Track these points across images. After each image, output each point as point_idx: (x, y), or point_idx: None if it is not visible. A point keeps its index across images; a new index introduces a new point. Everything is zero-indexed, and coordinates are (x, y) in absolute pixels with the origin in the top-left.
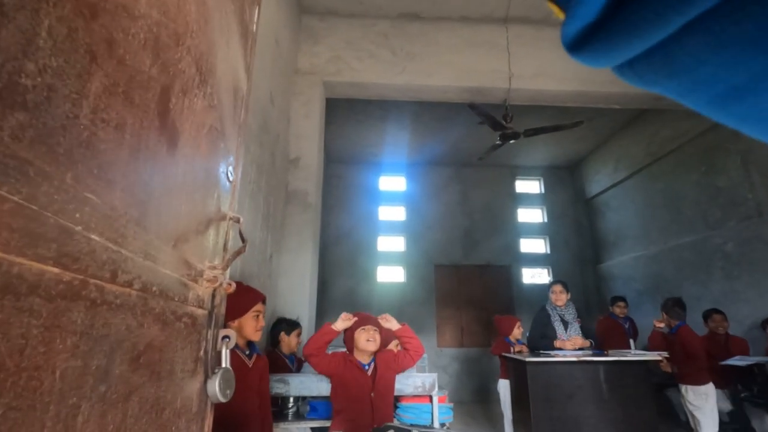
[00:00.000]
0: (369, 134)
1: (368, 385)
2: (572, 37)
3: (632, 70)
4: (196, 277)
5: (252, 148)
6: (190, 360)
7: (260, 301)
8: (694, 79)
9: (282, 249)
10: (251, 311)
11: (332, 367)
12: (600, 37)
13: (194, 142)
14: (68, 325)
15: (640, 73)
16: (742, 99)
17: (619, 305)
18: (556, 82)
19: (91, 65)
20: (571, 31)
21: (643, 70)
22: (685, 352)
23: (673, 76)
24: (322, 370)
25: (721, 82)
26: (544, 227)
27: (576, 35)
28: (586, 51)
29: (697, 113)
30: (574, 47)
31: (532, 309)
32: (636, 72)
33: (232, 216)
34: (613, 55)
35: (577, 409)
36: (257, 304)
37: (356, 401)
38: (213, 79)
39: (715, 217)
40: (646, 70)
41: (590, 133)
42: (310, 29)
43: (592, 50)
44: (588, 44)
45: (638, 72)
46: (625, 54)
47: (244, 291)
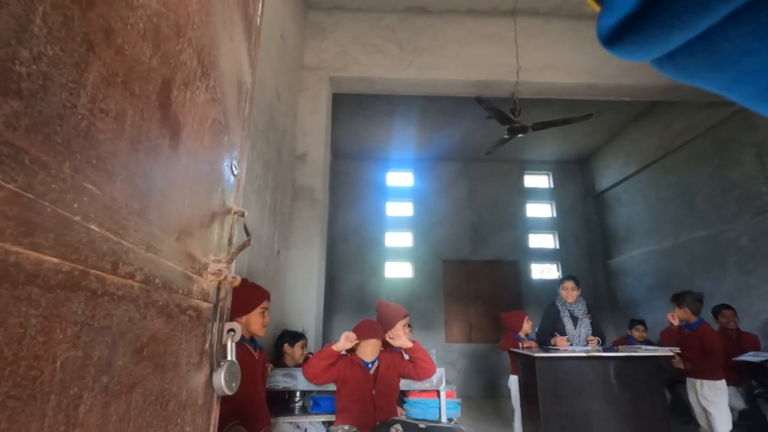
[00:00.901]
0: (376, 129)
1: (370, 383)
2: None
3: (673, 63)
4: (201, 270)
5: (258, 144)
6: (195, 353)
7: (266, 299)
8: (739, 70)
9: (289, 245)
10: (258, 308)
11: (334, 375)
12: (638, 30)
13: (197, 135)
14: (68, 315)
15: (682, 66)
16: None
17: (638, 329)
18: (565, 74)
19: (88, 54)
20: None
21: (684, 62)
22: (705, 348)
23: (716, 68)
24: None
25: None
26: (553, 222)
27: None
28: (624, 44)
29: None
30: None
31: (540, 305)
32: (677, 65)
33: (236, 210)
34: (652, 47)
35: (587, 404)
36: (264, 301)
37: (358, 400)
38: (216, 72)
39: (729, 210)
40: (687, 62)
41: (600, 127)
42: (316, 24)
43: (631, 43)
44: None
45: (679, 65)
46: (666, 46)
47: (250, 288)
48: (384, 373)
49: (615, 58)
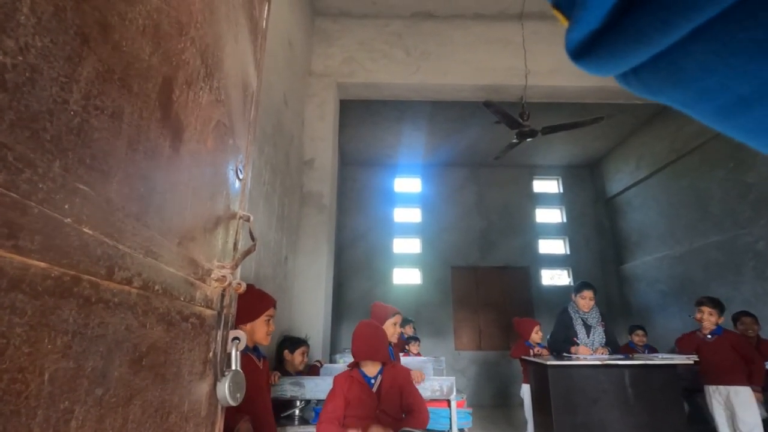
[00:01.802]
0: (384, 136)
1: (374, 401)
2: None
3: (637, 79)
4: (204, 276)
5: (266, 149)
6: (198, 362)
7: (272, 306)
8: (700, 88)
9: (297, 251)
10: (264, 315)
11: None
12: (604, 44)
13: (200, 136)
14: (58, 323)
15: (645, 81)
16: (750, 110)
17: (637, 334)
18: (575, 77)
19: (82, 48)
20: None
21: (648, 78)
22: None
23: (678, 85)
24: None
25: (727, 92)
26: (564, 227)
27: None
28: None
29: None
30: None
31: (551, 311)
32: (641, 80)
33: (242, 215)
34: (617, 62)
35: (602, 414)
36: (269, 308)
37: (363, 418)
38: (220, 73)
39: (744, 215)
40: (651, 78)
41: (610, 131)
42: (323, 31)
43: (596, 57)
44: (592, 51)
45: (643, 80)
46: (630, 62)
47: (257, 295)
48: (388, 391)
49: None
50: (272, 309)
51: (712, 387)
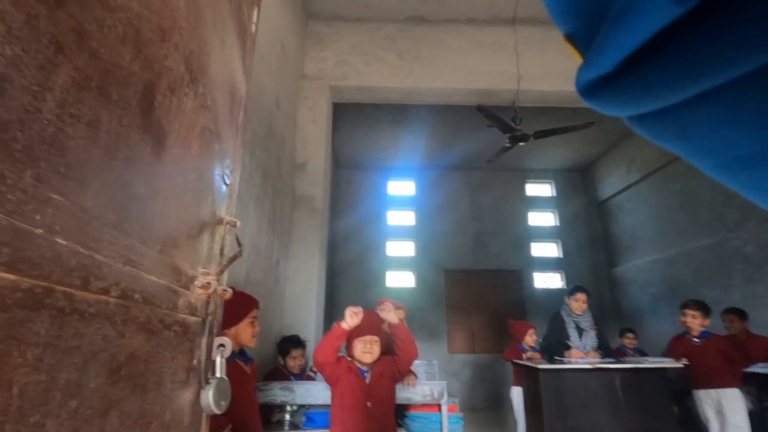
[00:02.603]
0: (377, 139)
1: (365, 393)
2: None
3: (642, 125)
4: (188, 283)
5: (258, 152)
6: (181, 370)
7: (255, 307)
8: (703, 145)
9: (289, 254)
10: (247, 318)
11: (337, 374)
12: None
13: (184, 142)
14: (28, 336)
15: (650, 129)
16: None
17: (628, 337)
18: (566, 82)
19: (56, 56)
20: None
21: (653, 127)
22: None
23: (682, 139)
24: (333, 380)
25: (730, 151)
26: (556, 231)
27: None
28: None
29: None
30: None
31: (544, 314)
32: (646, 127)
33: (228, 220)
34: (624, 108)
35: (593, 418)
36: (252, 310)
37: (353, 411)
38: (205, 78)
39: (733, 218)
40: (656, 127)
41: (601, 135)
42: (316, 34)
43: (604, 99)
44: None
45: (648, 128)
46: (637, 109)
47: (239, 298)
48: (377, 382)
49: None
50: (255, 310)
51: (702, 391)
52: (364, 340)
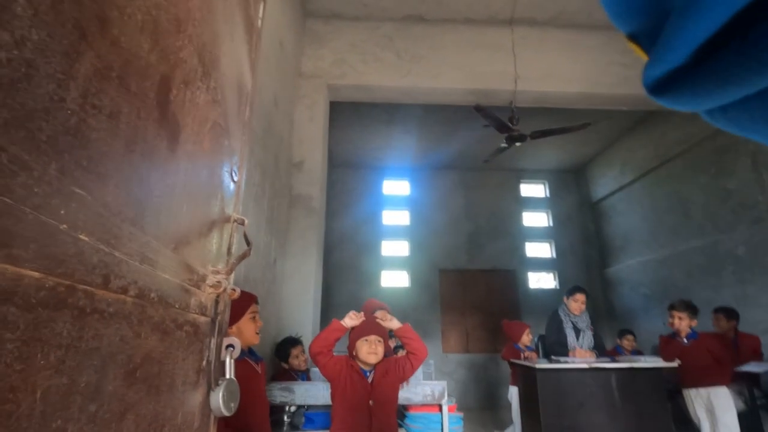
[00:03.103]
0: (373, 138)
1: (367, 392)
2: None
3: (725, 116)
4: (199, 282)
5: (256, 150)
6: (191, 371)
7: (254, 302)
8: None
9: (286, 253)
10: (247, 313)
11: (337, 369)
12: (688, 83)
13: (197, 138)
14: (51, 337)
15: (735, 119)
16: None
17: (628, 339)
18: (563, 83)
19: (80, 43)
20: (655, 74)
21: (738, 116)
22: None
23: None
24: (328, 372)
25: None
26: (550, 231)
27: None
28: (673, 95)
29: None
30: (656, 90)
31: (537, 314)
32: (730, 119)
33: (236, 218)
34: (703, 101)
35: (589, 417)
36: (251, 304)
37: (354, 409)
38: (216, 72)
39: (725, 220)
40: (742, 116)
41: (596, 136)
42: (314, 32)
43: (680, 95)
44: (674, 89)
45: (733, 119)
46: (717, 101)
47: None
48: (380, 381)
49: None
50: (255, 305)
51: (693, 390)
52: (369, 340)
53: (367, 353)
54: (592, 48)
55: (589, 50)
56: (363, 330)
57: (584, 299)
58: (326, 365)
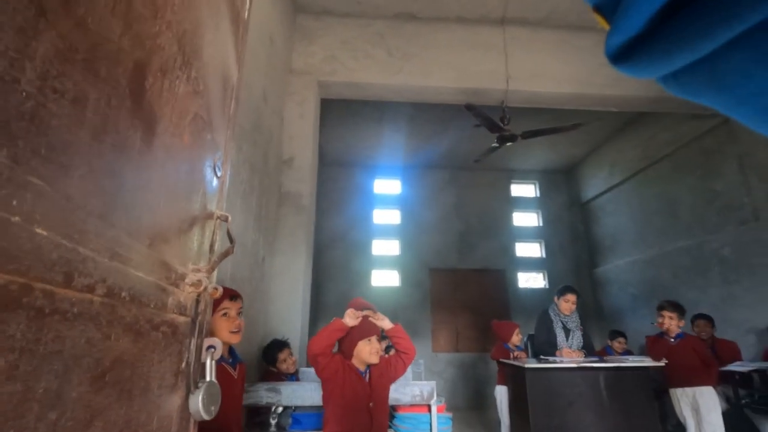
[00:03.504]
0: (364, 136)
1: (367, 393)
2: (616, 48)
3: (677, 83)
4: (177, 281)
5: (244, 146)
6: (169, 374)
7: (226, 298)
8: (741, 92)
9: (275, 251)
10: (219, 311)
11: (335, 370)
12: (644, 50)
13: (176, 129)
14: (2, 341)
15: (685, 85)
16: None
17: (619, 341)
18: (554, 84)
19: (38, 20)
20: (615, 43)
21: (688, 82)
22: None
23: (719, 89)
24: (327, 374)
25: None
26: (540, 231)
27: (620, 47)
28: (630, 62)
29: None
30: (617, 58)
31: (527, 313)
32: (681, 84)
33: (219, 214)
34: (657, 66)
35: (578, 416)
36: (223, 301)
37: (355, 411)
38: (199, 62)
39: (711, 221)
40: (691, 82)
41: (586, 137)
42: (305, 28)
43: (637, 61)
44: (632, 56)
45: (683, 84)
46: (670, 66)
47: None
48: (377, 382)
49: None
50: (228, 301)
51: (679, 390)
52: (371, 341)
53: (369, 353)
54: (583, 49)
55: (580, 51)
56: (364, 330)
57: (575, 299)
58: (327, 366)
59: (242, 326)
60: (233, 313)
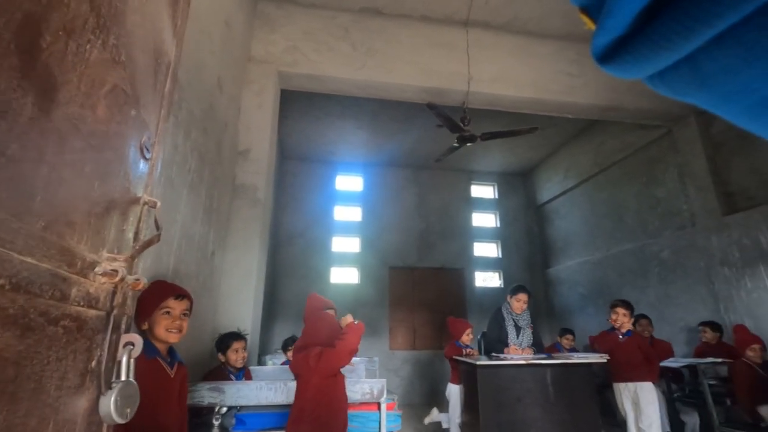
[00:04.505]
0: (326, 131)
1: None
2: (602, 48)
3: (663, 81)
4: (86, 270)
5: (194, 134)
6: (72, 373)
7: (170, 296)
8: (725, 90)
9: (226, 246)
10: (160, 309)
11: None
12: (629, 50)
13: (86, 100)
14: None
15: (671, 84)
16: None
17: (567, 338)
18: (514, 88)
19: None
20: (601, 43)
21: (673, 81)
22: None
23: (703, 87)
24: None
25: (753, 93)
26: (497, 232)
27: (606, 47)
28: (616, 62)
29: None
30: (603, 58)
31: (483, 312)
32: (666, 83)
33: (147, 200)
34: (642, 66)
35: (526, 412)
36: (167, 298)
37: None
38: (120, 29)
39: (653, 226)
40: (676, 81)
41: (542, 142)
42: (266, 16)
43: (622, 62)
44: (617, 56)
45: (668, 83)
46: (654, 66)
47: (150, 287)
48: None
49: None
50: (171, 299)
51: (622, 384)
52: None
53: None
54: (542, 56)
55: (539, 57)
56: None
57: (527, 299)
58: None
59: (184, 327)
60: (177, 313)
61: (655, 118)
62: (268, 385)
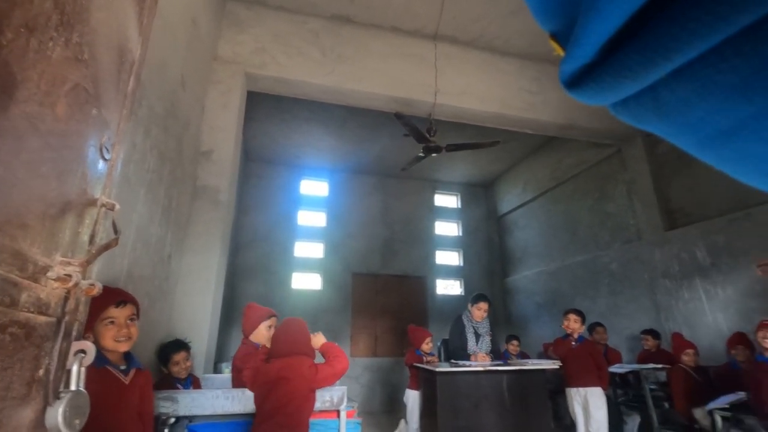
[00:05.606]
0: (293, 135)
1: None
2: (569, 75)
3: (626, 110)
4: (36, 274)
5: (154, 132)
6: (18, 383)
7: (112, 305)
8: (682, 121)
9: (184, 249)
10: (101, 320)
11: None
12: (594, 77)
13: (46, 99)
14: None
15: (633, 112)
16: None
17: (513, 344)
18: (478, 102)
19: None
20: (569, 70)
21: (635, 110)
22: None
23: (662, 117)
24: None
25: (708, 126)
26: (459, 241)
27: (572, 74)
28: (582, 89)
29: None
30: (570, 84)
31: (444, 319)
32: (629, 111)
33: (105, 202)
34: (606, 94)
35: (482, 418)
36: (107, 308)
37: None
38: (84, 27)
39: (604, 239)
40: (637, 110)
41: (504, 155)
42: (234, 16)
43: (587, 88)
44: (582, 83)
45: (631, 111)
46: (617, 94)
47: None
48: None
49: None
50: (112, 308)
51: (573, 389)
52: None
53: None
54: (506, 72)
55: (503, 74)
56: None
57: (487, 307)
58: None
59: (133, 333)
60: (121, 321)
61: (606, 137)
62: (225, 393)
